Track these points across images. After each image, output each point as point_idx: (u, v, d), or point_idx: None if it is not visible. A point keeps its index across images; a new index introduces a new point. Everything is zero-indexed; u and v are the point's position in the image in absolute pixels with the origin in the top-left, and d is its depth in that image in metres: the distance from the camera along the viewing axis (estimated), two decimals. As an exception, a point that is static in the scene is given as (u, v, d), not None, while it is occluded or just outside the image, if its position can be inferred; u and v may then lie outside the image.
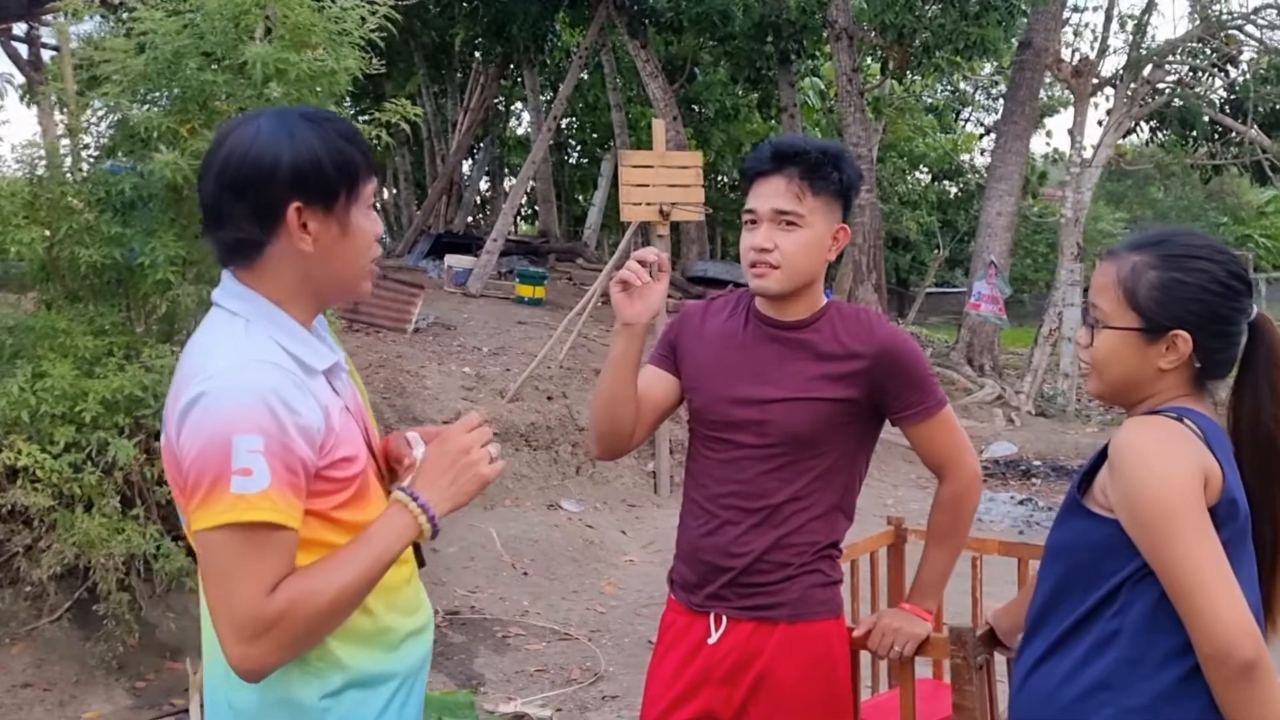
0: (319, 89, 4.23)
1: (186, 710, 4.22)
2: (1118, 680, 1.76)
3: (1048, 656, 1.85)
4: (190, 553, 4.22)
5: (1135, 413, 1.87)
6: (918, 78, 20.65)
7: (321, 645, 1.63)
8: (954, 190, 26.31)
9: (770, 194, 2.31)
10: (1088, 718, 1.78)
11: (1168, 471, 1.69)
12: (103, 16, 5.61)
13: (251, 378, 1.53)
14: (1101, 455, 1.84)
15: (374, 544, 1.60)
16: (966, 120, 27.33)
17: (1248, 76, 14.20)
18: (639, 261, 2.31)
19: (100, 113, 4.66)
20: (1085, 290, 14.19)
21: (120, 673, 4.45)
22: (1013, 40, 14.44)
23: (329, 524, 1.63)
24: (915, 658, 2.42)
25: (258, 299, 1.64)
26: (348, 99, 4.92)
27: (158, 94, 4.34)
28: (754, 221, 2.34)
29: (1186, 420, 1.77)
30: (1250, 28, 14.13)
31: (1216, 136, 14.97)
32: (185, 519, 1.61)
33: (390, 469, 1.86)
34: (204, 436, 1.50)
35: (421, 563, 1.86)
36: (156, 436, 4.33)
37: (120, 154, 4.51)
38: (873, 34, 13.68)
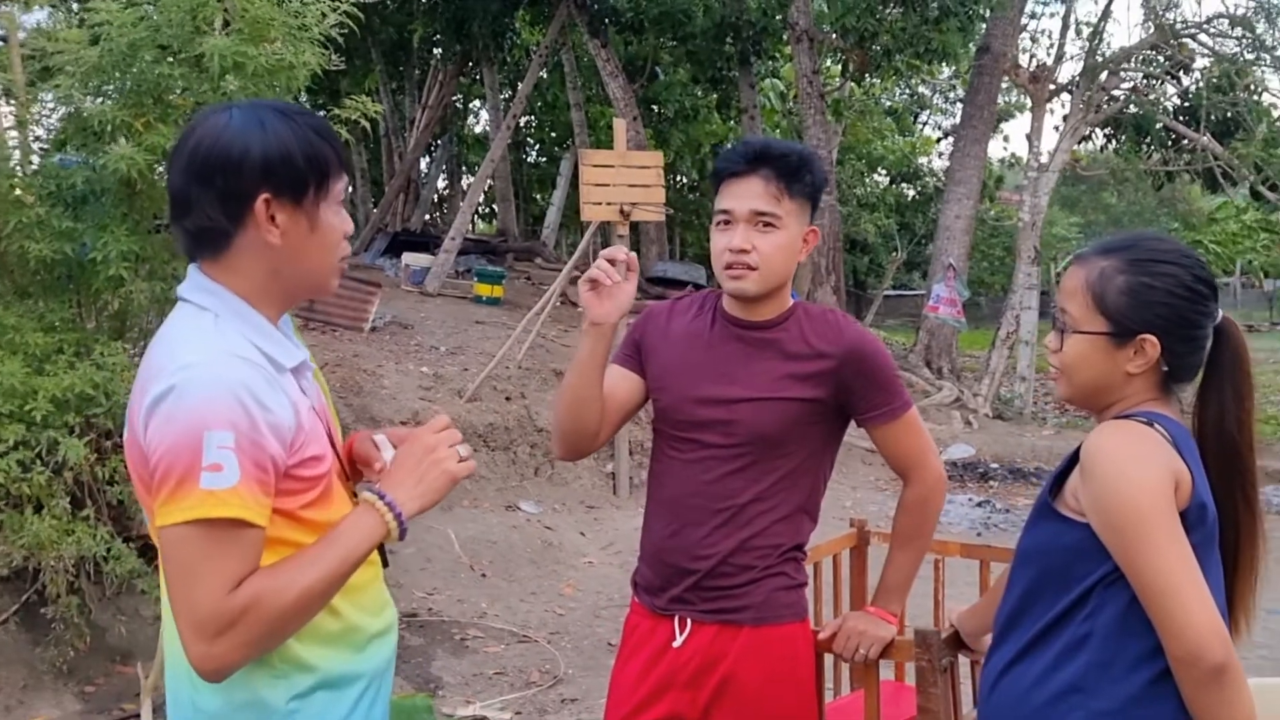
0: (277, 84, 4.17)
1: (138, 715, 4.14)
2: (1089, 684, 1.76)
3: (1018, 660, 1.85)
4: (142, 554, 4.14)
5: (1104, 417, 1.87)
6: (877, 81, 20.84)
7: (287, 647, 1.61)
8: (912, 193, 26.53)
9: (748, 195, 2.29)
10: None
11: (1139, 476, 1.70)
12: (53, 7, 5.50)
13: (223, 372, 1.51)
14: (1072, 459, 1.84)
15: (341, 543, 1.58)
16: (925, 123, 27.61)
17: (1200, 84, 14.43)
18: (608, 260, 2.29)
19: (51, 105, 4.57)
20: (1043, 294, 14.37)
21: (69, 677, 4.36)
22: (971, 45, 14.57)
23: (295, 523, 1.60)
24: (879, 660, 2.42)
25: (226, 295, 1.62)
26: (304, 95, 4.86)
27: (111, 87, 4.25)
28: (728, 222, 2.32)
29: (1156, 425, 1.77)
30: (1203, 36, 14.36)
31: (1169, 143, 15.20)
32: (149, 515, 1.58)
33: (356, 471, 1.84)
34: (175, 431, 1.47)
35: (385, 563, 1.84)
36: (108, 436, 4.25)
37: (71, 147, 4.42)
38: (833, 36, 13.76)
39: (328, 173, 1.63)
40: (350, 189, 21.93)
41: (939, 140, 27.34)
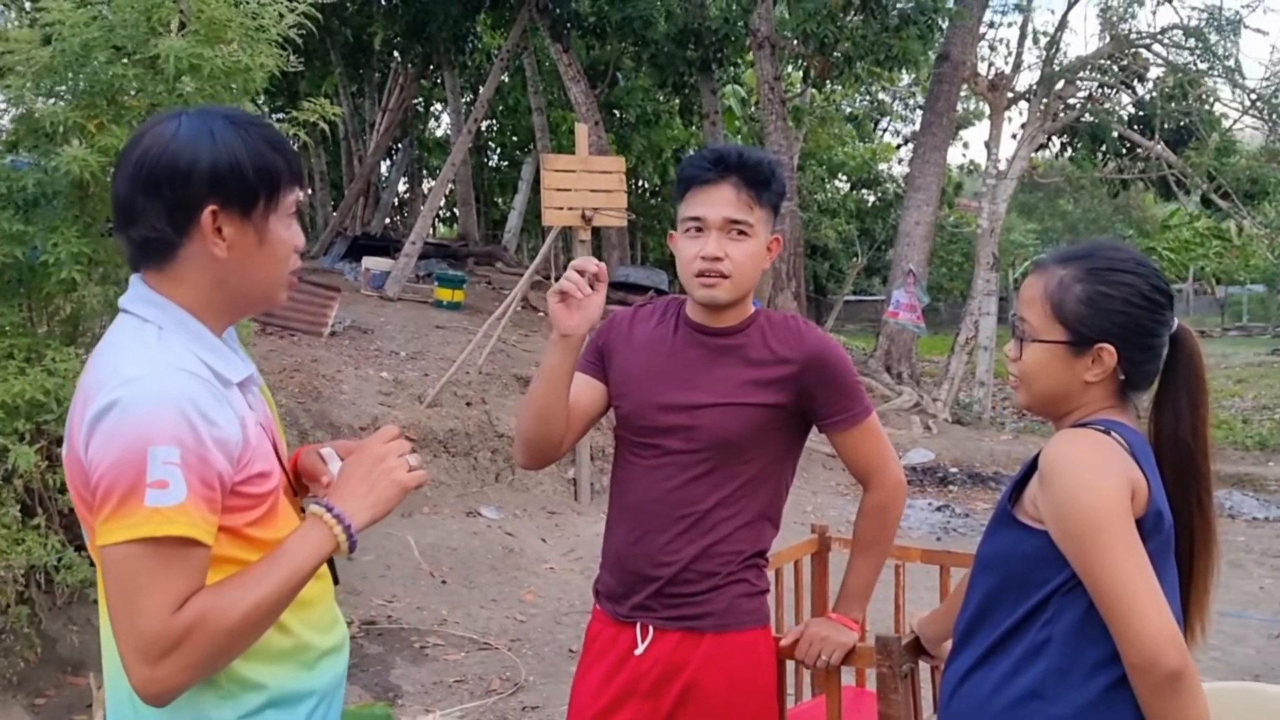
0: (234, 86, 4.11)
1: (89, 727, 4.07)
2: (1047, 690, 1.77)
3: (978, 666, 1.86)
4: (94, 563, 4.06)
5: (1062, 425, 1.89)
6: (838, 87, 20.94)
7: (234, 666, 1.56)
8: (872, 199, 26.71)
9: (720, 202, 2.28)
10: None
11: (1096, 484, 1.71)
12: (4, 6, 5.40)
13: (168, 386, 1.46)
14: (1031, 466, 1.85)
15: (289, 559, 1.54)
16: (885, 130, 27.80)
17: (1154, 94, 14.64)
18: (578, 271, 2.27)
19: (1, 106, 4.48)
20: (1001, 299, 14.52)
21: (18, 689, 4.27)
22: (931, 53, 14.70)
23: (240, 541, 1.56)
24: (841, 666, 2.42)
25: (170, 306, 1.57)
26: (262, 97, 4.80)
27: (64, 87, 4.18)
28: (700, 230, 2.31)
29: (1114, 433, 1.79)
30: (1157, 46, 14.57)
31: (1124, 152, 15.41)
32: (89, 533, 1.53)
33: (302, 487, 1.80)
34: (117, 447, 1.42)
35: (335, 580, 1.80)
36: (59, 443, 4.16)
37: (23, 149, 4.34)
38: (795, 43, 13.82)
39: (278, 185, 1.59)
40: (309, 193, 21.80)
41: (899, 147, 27.54)
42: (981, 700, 1.83)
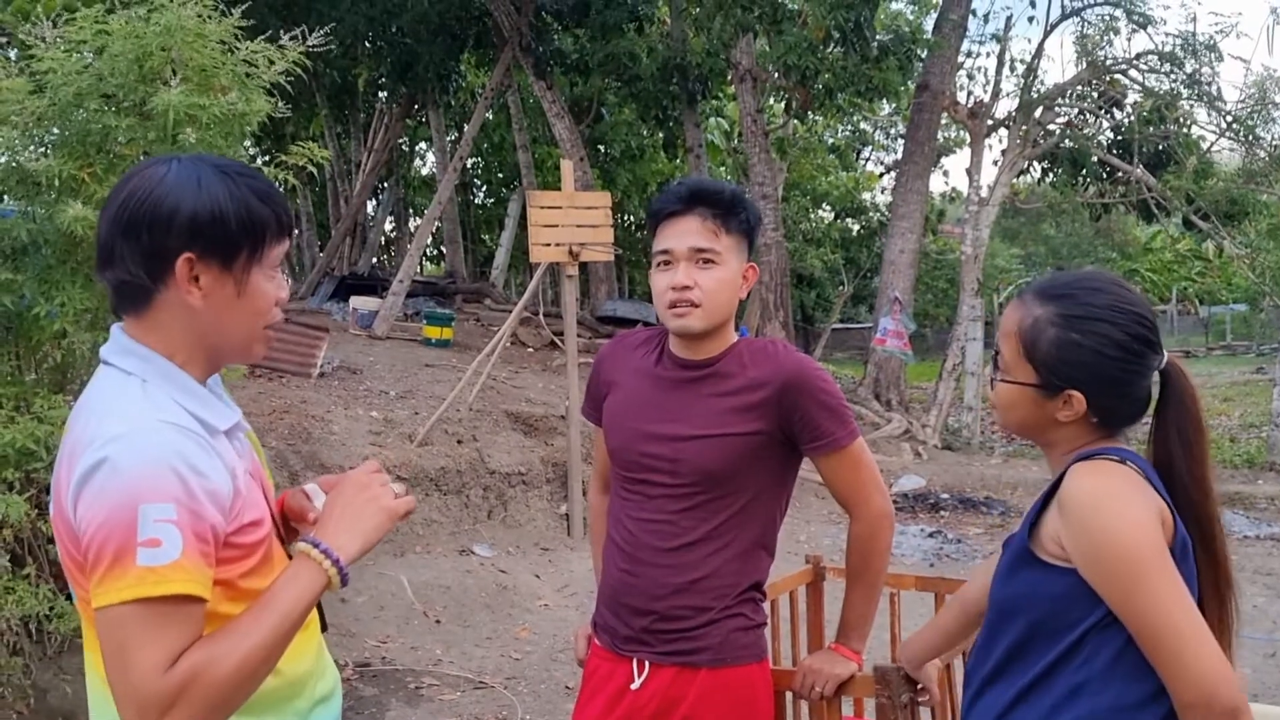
0: (230, 132, 4.13)
1: (83, 777, 4.02)
2: None
3: (1013, 707, 1.79)
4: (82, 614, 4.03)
5: (1051, 454, 1.86)
6: (820, 118, 21.11)
7: None
8: (856, 228, 26.82)
9: (686, 233, 2.31)
10: None
11: (1128, 517, 1.66)
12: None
13: (156, 442, 1.43)
14: (1044, 501, 1.79)
15: (280, 601, 1.50)
16: (867, 159, 27.97)
17: (1132, 118, 14.79)
18: None
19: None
20: (987, 324, 14.59)
21: (11, 740, 4.24)
22: (910, 83, 14.84)
23: (233, 594, 1.53)
24: (840, 698, 2.42)
25: (154, 357, 1.55)
26: (249, 140, 4.83)
27: (54, 137, 4.19)
28: (668, 262, 2.34)
29: (1129, 462, 1.74)
30: (1133, 72, 14.74)
31: (1104, 176, 15.54)
32: (76, 588, 1.51)
33: (292, 531, 1.77)
34: (107, 507, 1.40)
35: (324, 626, 1.78)
36: (48, 491, 4.14)
37: (11, 199, 4.34)
38: (776, 75, 13.94)
39: (263, 238, 1.57)
40: (296, 233, 21.80)
41: (881, 175, 27.71)
42: None
